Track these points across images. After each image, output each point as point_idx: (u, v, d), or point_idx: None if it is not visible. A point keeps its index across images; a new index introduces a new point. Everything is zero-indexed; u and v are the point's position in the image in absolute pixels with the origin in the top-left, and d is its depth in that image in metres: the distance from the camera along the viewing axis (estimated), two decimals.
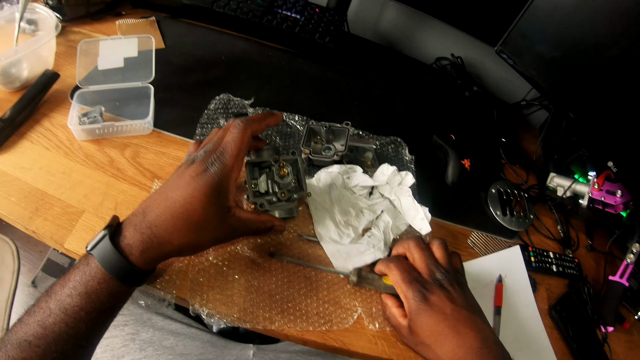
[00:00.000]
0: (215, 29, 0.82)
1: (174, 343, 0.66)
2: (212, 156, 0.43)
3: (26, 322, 0.39)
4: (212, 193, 0.42)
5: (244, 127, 0.45)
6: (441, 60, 0.88)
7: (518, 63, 0.74)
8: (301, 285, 0.55)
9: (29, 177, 0.61)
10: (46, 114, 0.68)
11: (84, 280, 0.39)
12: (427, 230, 0.62)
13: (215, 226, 0.44)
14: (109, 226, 0.42)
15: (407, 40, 0.92)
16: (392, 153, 0.71)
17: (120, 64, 0.67)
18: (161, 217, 0.41)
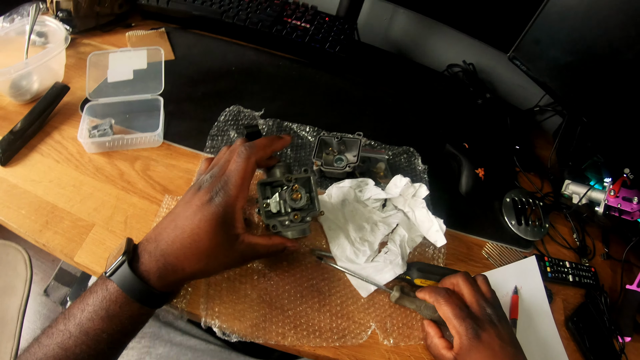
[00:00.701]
0: (225, 39, 0.81)
1: (191, 359, 0.64)
2: (217, 185, 0.43)
3: (45, 344, 0.39)
4: (217, 224, 0.42)
5: (247, 155, 0.44)
6: (453, 67, 0.86)
7: (531, 69, 0.72)
8: (314, 300, 0.54)
9: (39, 190, 0.60)
10: (56, 127, 0.67)
11: (105, 304, 0.40)
12: (442, 243, 0.60)
13: (224, 254, 0.44)
14: (126, 252, 0.41)
15: (418, 48, 0.90)
16: (404, 163, 0.69)
17: (129, 77, 0.66)
18: (172, 246, 0.41)
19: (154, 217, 0.56)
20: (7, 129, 0.65)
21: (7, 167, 0.63)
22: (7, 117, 0.69)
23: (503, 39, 0.73)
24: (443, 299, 0.50)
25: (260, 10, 0.78)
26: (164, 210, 0.56)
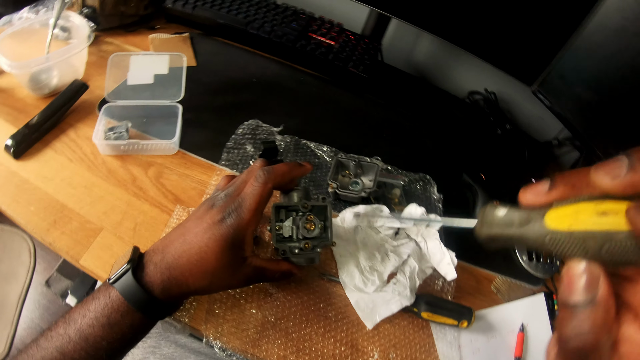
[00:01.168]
0: (248, 49, 0.80)
1: (179, 357, 0.63)
2: (231, 206, 0.42)
3: (43, 347, 0.38)
4: (226, 245, 0.41)
5: (265, 180, 0.43)
6: (474, 94, 0.85)
7: (554, 104, 0.71)
8: (320, 324, 0.52)
9: (50, 188, 0.59)
10: (72, 124, 0.66)
11: (106, 312, 0.39)
12: (452, 277, 0.58)
13: (229, 275, 0.43)
14: (131, 260, 0.41)
15: (441, 72, 0.88)
16: (420, 190, 0.67)
17: (150, 80, 0.65)
18: (178, 260, 0.40)
19: (164, 227, 0.55)
20: (23, 121, 0.64)
21: (20, 160, 0.62)
22: (24, 110, 0.68)
23: (527, 71, 0.71)
24: None
25: (285, 23, 0.77)
26: (174, 221, 0.55)
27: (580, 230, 0.21)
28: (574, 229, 0.21)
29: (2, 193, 0.58)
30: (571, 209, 0.21)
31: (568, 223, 0.21)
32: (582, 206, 0.21)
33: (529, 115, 0.84)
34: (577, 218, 0.21)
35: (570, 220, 0.21)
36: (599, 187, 0.20)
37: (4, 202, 0.58)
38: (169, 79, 0.65)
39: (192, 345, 0.68)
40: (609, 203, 0.20)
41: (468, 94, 0.85)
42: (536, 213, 0.23)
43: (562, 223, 0.21)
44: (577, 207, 0.21)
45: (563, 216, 0.21)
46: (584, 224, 0.20)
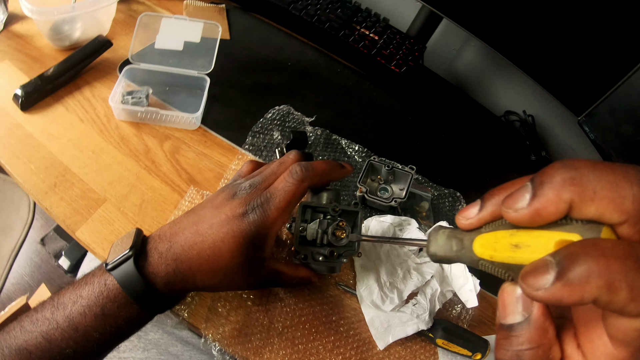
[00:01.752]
0: (286, 31, 0.71)
1: (180, 351, 0.56)
2: (256, 200, 0.35)
3: (28, 330, 0.32)
4: (245, 243, 0.34)
5: (301, 178, 0.36)
6: (510, 114, 0.77)
7: (599, 138, 0.63)
8: (329, 339, 0.45)
9: (54, 147, 0.51)
10: (89, 82, 0.58)
11: (101, 301, 0.32)
12: (473, 304, 0.51)
13: (242, 276, 0.36)
14: (133, 246, 0.33)
15: (480, 86, 0.80)
16: (447, 207, 0.60)
17: (179, 47, 0.56)
18: (187, 252, 0.34)
19: (173, 209, 0.47)
20: (37, 72, 0.56)
21: (27, 113, 0.54)
22: (39, 60, 0.60)
23: (578, 100, 0.64)
24: None
25: (330, 9, 0.68)
26: (186, 204, 0.47)
27: (499, 262, 0.20)
28: (495, 259, 0.21)
29: (3, 146, 0.50)
30: (491, 238, 0.21)
31: (489, 253, 0.21)
32: (499, 235, 0.21)
33: (561, 144, 0.77)
34: (495, 248, 0.21)
35: (491, 250, 0.21)
36: (507, 219, 0.19)
37: (3, 156, 0.50)
38: (200, 48, 0.57)
39: (179, 334, 0.61)
40: (521, 234, 0.19)
41: (504, 113, 0.77)
42: (468, 238, 0.23)
43: (485, 252, 0.21)
44: (495, 236, 0.21)
45: (486, 245, 0.21)
46: (501, 255, 0.20)
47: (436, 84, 0.76)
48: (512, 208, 0.18)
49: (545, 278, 0.16)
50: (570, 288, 0.15)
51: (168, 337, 0.59)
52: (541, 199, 0.17)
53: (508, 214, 0.19)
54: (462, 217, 0.23)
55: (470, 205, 0.23)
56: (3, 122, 0.53)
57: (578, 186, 0.17)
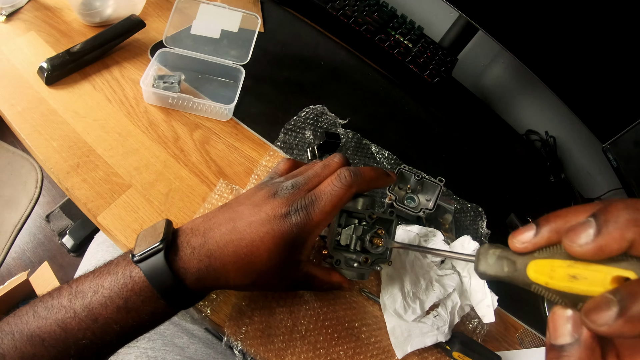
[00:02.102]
0: (319, 29, 0.68)
1: (185, 343, 0.53)
2: (300, 201, 0.33)
3: (42, 316, 0.30)
4: (285, 244, 0.32)
5: (350, 183, 0.34)
6: (532, 134, 0.75)
7: (621, 166, 0.61)
8: (350, 345, 0.43)
9: (79, 126, 0.47)
10: (119, 62, 0.55)
11: (125, 293, 0.30)
12: (489, 320, 0.50)
13: (276, 277, 0.34)
14: (164, 239, 0.31)
15: (504, 102, 0.78)
16: (469, 221, 0.58)
17: (215, 35, 0.53)
18: (222, 249, 0.31)
19: (201, 201, 0.44)
20: (64, 46, 0.53)
21: (52, 88, 0.50)
22: (68, 34, 0.57)
23: (604, 126, 0.62)
24: None
25: (367, 12, 0.65)
26: (216, 197, 0.44)
27: (555, 289, 0.21)
28: (550, 286, 0.21)
29: (24, 119, 0.47)
30: (548, 265, 0.21)
31: (545, 280, 0.21)
32: (556, 263, 0.21)
33: (579, 168, 0.75)
34: (552, 276, 0.21)
35: (547, 277, 0.21)
36: (569, 252, 0.19)
37: (24, 130, 0.46)
38: (237, 38, 0.54)
39: (186, 326, 0.58)
40: (579, 266, 0.20)
41: (526, 131, 0.76)
42: (521, 261, 0.23)
43: (540, 278, 0.21)
44: (552, 264, 0.21)
45: (541, 270, 0.21)
46: (557, 283, 0.20)
47: (463, 97, 0.74)
48: (576, 242, 0.19)
49: (608, 315, 0.17)
50: (632, 324, 0.16)
51: (174, 329, 0.57)
52: (606, 237, 0.18)
53: (572, 248, 0.19)
54: (517, 241, 0.23)
55: (524, 229, 0.23)
56: (25, 94, 0.49)
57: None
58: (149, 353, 0.52)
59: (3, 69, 0.51)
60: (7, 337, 0.29)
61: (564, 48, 0.59)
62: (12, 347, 0.28)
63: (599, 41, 0.57)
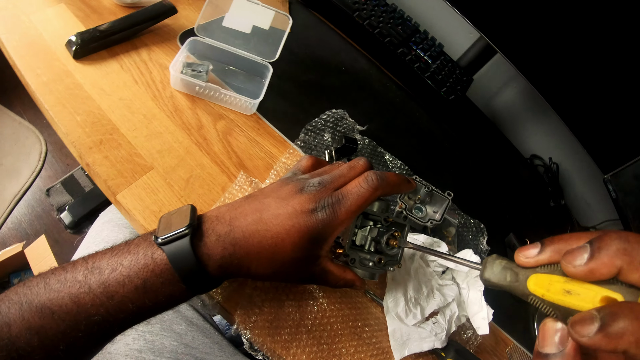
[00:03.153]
0: (343, 35, 0.69)
1: (184, 330, 0.54)
2: (327, 199, 0.34)
3: (54, 289, 0.29)
4: (309, 239, 0.33)
5: (376, 186, 0.35)
6: (535, 158, 0.78)
7: (620, 199, 0.64)
8: (352, 343, 0.44)
9: (104, 103, 0.48)
10: (147, 45, 0.55)
11: (144, 274, 0.30)
12: (484, 332, 0.52)
13: (296, 269, 0.35)
14: (191, 225, 0.31)
15: (513, 125, 0.81)
16: (470, 236, 0.60)
17: (247, 30, 0.54)
18: (248, 239, 0.32)
19: (221, 191, 0.45)
20: (94, 23, 0.53)
21: (80, 62, 0.51)
22: (98, 11, 0.57)
23: (608, 158, 0.65)
24: None
25: (392, 25, 0.67)
26: (236, 188, 0.45)
27: (549, 301, 0.24)
28: (546, 298, 0.24)
29: (49, 90, 0.47)
30: (547, 279, 0.24)
31: (542, 292, 0.24)
32: (554, 278, 0.23)
33: (578, 196, 0.78)
34: (549, 289, 0.23)
35: (544, 290, 0.24)
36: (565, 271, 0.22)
37: (48, 101, 0.47)
38: (267, 36, 0.55)
39: (186, 313, 0.58)
40: (574, 283, 0.22)
41: (530, 156, 0.78)
42: (523, 274, 0.25)
43: (538, 290, 0.24)
44: (550, 279, 0.24)
45: (540, 283, 0.24)
46: (553, 296, 0.23)
47: (474, 116, 0.77)
48: (571, 263, 0.22)
49: (590, 328, 0.19)
50: (608, 339, 0.19)
51: (173, 315, 0.57)
52: (597, 262, 0.21)
53: (567, 267, 0.22)
54: (522, 255, 0.26)
55: (530, 246, 0.26)
56: (52, 66, 0.50)
57: (628, 256, 0.20)
58: (146, 336, 0.52)
59: (30, 38, 0.51)
60: (14, 306, 0.28)
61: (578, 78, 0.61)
62: (19, 317, 0.28)
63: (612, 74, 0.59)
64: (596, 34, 0.56)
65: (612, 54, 0.58)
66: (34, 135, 0.87)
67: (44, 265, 0.73)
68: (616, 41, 0.57)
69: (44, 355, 0.29)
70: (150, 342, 0.52)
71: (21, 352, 0.28)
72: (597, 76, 0.61)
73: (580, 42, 0.58)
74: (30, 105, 1.00)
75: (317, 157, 0.41)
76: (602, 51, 0.58)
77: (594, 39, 0.57)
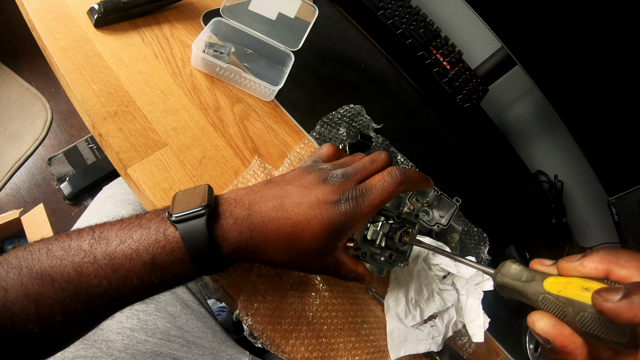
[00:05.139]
0: (364, 33, 0.69)
1: (178, 312, 0.53)
2: (351, 191, 0.33)
3: (57, 256, 0.28)
4: (330, 230, 0.32)
5: (400, 182, 0.35)
6: (541, 174, 0.78)
7: (622, 222, 0.65)
8: (351, 338, 0.44)
9: (122, 75, 0.47)
10: (170, 21, 0.54)
11: (154, 250, 0.29)
12: (479, 340, 0.52)
13: (312, 259, 0.34)
14: (208, 205, 0.30)
15: (522, 139, 0.81)
16: (472, 244, 0.60)
17: (272, 17, 0.54)
18: (267, 225, 0.31)
19: (234, 175, 0.44)
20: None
21: (100, 31, 0.50)
22: None
23: (614, 181, 0.65)
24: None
25: (414, 27, 0.67)
26: (250, 173, 0.44)
27: (564, 297, 0.24)
28: (561, 295, 0.24)
29: (67, 56, 0.46)
30: (565, 280, 0.25)
31: (558, 289, 0.25)
32: (573, 280, 0.25)
33: (578, 216, 0.79)
34: (566, 287, 0.25)
35: (561, 287, 0.25)
36: (595, 304, 0.23)
37: (65, 67, 0.46)
38: (291, 25, 0.54)
39: (182, 295, 0.57)
40: (594, 282, 0.24)
41: (536, 172, 0.79)
42: (540, 276, 0.27)
43: (554, 288, 0.25)
44: (569, 280, 0.25)
45: (557, 283, 0.25)
46: (569, 292, 0.24)
47: (486, 126, 0.77)
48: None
49: (615, 295, 0.21)
50: (630, 306, 0.20)
51: (169, 296, 0.56)
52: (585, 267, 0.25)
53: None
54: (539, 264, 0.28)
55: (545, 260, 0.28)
56: (71, 32, 0.48)
57: None
58: (140, 315, 0.51)
59: (52, 1, 0.50)
60: (13, 270, 0.27)
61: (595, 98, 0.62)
62: (17, 282, 0.27)
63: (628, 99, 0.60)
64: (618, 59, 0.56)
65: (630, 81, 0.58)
66: (40, 103, 0.85)
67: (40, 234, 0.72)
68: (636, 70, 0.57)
69: (39, 325, 0.27)
70: (143, 321, 0.51)
71: (15, 319, 0.27)
72: (613, 98, 0.61)
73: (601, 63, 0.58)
74: (38, 73, 0.98)
75: (337, 146, 0.41)
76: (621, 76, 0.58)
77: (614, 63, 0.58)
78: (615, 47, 0.56)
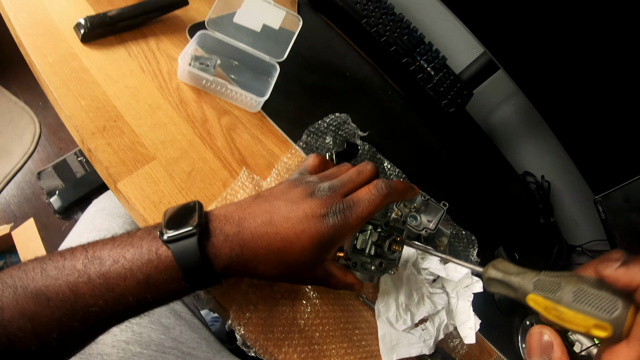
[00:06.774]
0: (349, 41, 0.70)
1: (172, 324, 0.54)
2: (338, 205, 0.34)
3: (52, 275, 0.28)
4: (318, 244, 0.33)
5: (386, 194, 0.36)
6: (528, 175, 0.80)
7: (609, 220, 0.66)
8: (343, 344, 0.45)
9: (110, 89, 0.48)
10: (156, 35, 0.55)
11: (148, 269, 0.29)
12: (470, 341, 0.53)
13: (302, 271, 0.35)
14: (199, 225, 0.31)
15: (508, 141, 0.83)
16: (461, 247, 0.61)
17: (257, 28, 0.55)
18: (256, 241, 0.32)
19: (222, 186, 0.45)
20: (104, 8, 0.53)
21: (87, 46, 0.51)
22: None
23: (599, 180, 0.67)
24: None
25: (398, 34, 0.68)
26: (239, 185, 0.45)
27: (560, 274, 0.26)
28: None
29: (54, 72, 0.47)
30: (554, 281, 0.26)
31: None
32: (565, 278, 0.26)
33: (566, 215, 0.81)
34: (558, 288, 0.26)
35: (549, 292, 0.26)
36: None
37: (53, 83, 0.46)
38: (276, 35, 0.55)
39: (175, 307, 0.58)
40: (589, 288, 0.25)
41: (523, 173, 0.80)
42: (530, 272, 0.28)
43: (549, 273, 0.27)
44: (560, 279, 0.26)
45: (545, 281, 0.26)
46: None
47: (472, 130, 0.78)
48: None
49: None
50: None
51: (162, 307, 0.57)
52: None
53: None
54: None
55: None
56: (59, 47, 0.49)
57: None
58: (134, 328, 0.52)
59: (39, 17, 0.51)
60: (8, 289, 0.28)
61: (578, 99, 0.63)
62: (12, 302, 0.27)
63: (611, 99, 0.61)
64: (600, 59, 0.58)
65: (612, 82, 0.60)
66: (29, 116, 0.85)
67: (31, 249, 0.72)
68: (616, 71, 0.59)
69: (36, 342, 0.28)
70: (137, 334, 0.51)
71: (12, 337, 0.27)
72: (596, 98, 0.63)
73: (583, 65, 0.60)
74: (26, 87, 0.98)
75: (323, 157, 0.42)
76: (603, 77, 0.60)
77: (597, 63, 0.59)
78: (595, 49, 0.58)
